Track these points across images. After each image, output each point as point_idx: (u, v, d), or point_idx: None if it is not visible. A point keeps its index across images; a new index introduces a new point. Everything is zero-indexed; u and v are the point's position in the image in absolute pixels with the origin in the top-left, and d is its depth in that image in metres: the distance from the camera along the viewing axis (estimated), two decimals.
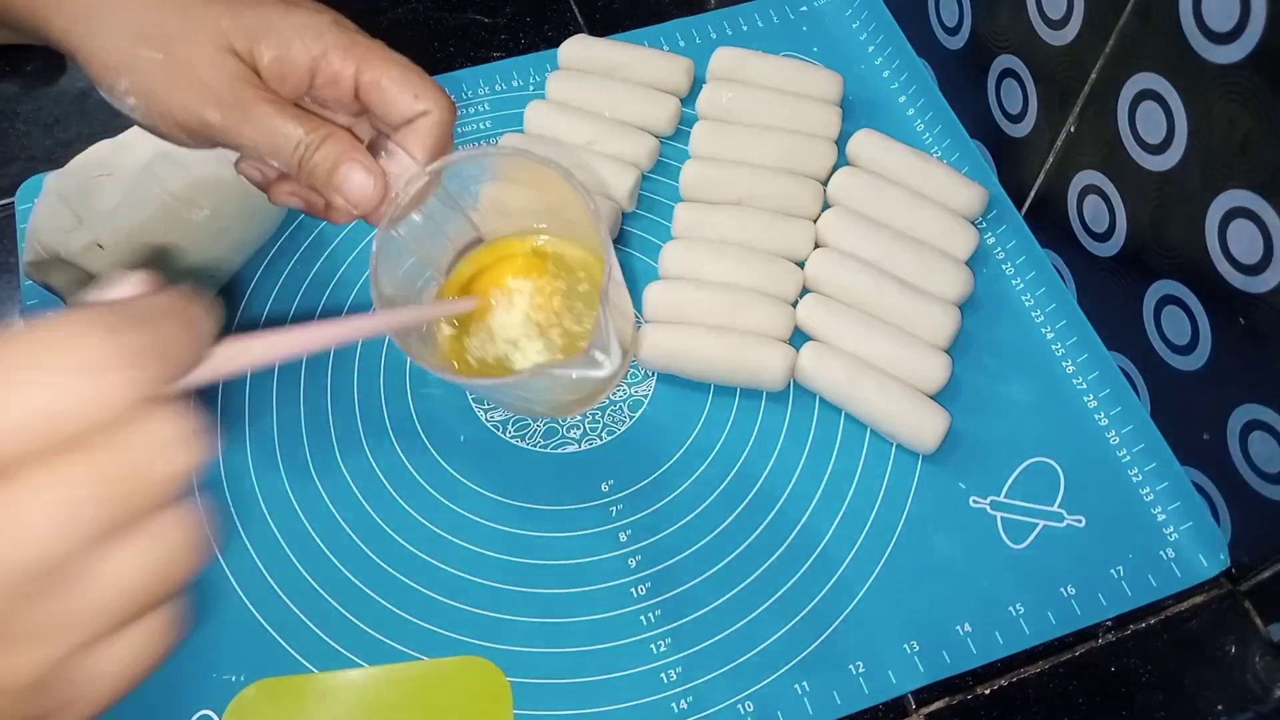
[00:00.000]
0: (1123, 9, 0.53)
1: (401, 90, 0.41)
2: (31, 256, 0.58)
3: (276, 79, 0.40)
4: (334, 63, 0.40)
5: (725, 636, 0.53)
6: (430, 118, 0.42)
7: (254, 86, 0.39)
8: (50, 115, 0.72)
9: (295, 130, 0.40)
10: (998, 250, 0.65)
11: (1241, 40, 0.46)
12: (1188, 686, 0.53)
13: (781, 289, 0.61)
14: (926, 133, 0.70)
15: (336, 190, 0.41)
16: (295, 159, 0.40)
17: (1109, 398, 0.60)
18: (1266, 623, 0.54)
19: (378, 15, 0.76)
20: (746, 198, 0.64)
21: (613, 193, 0.64)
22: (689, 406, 0.60)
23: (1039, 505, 0.57)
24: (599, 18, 0.77)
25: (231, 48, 0.39)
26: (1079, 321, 0.62)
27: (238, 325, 0.62)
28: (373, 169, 0.41)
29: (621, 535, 0.56)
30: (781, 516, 0.56)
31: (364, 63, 0.41)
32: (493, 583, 0.54)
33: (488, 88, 0.72)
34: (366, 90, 0.41)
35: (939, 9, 0.70)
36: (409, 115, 0.42)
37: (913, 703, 0.53)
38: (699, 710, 0.51)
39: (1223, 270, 0.51)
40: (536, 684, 0.52)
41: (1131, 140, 0.55)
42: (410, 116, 0.42)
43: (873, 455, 0.58)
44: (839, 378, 0.58)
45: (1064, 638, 0.54)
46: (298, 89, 0.41)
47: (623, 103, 0.68)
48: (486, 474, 0.58)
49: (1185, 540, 0.56)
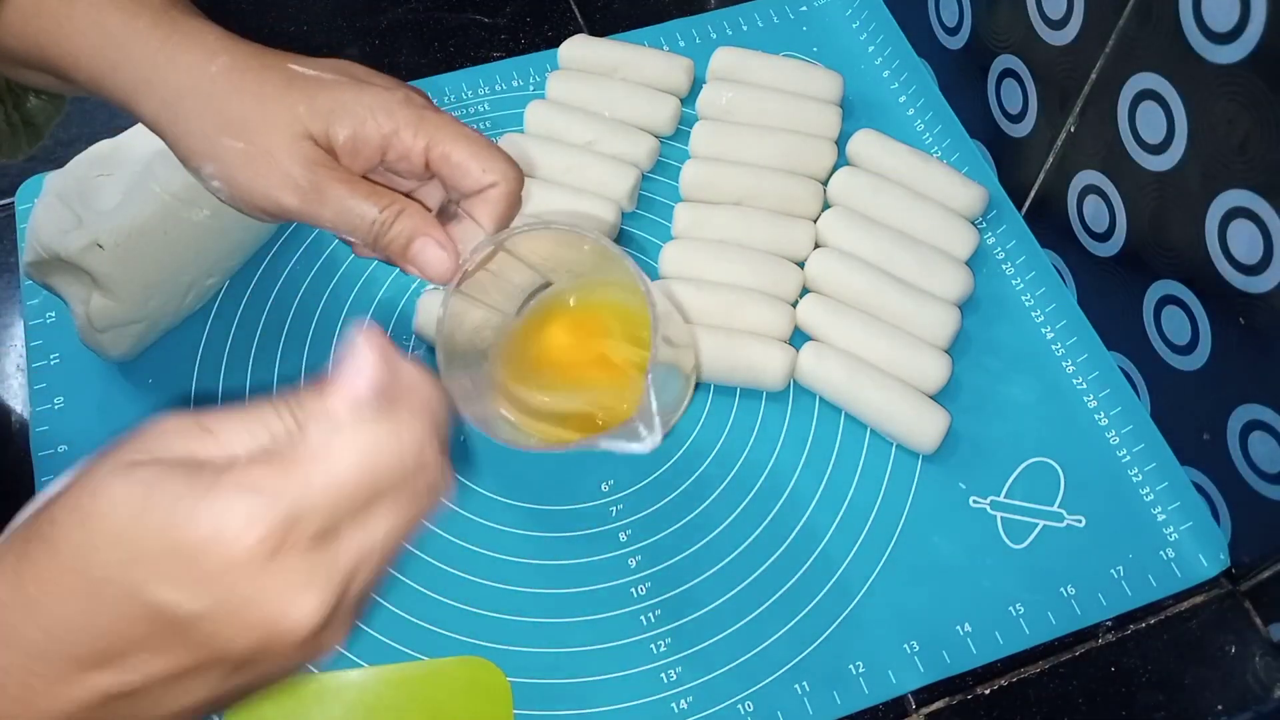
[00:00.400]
0: (1123, 9, 0.53)
1: (470, 163, 0.43)
2: (31, 256, 0.58)
3: (350, 155, 0.42)
4: (405, 139, 0.42)
5: (725, 636, 0.53)
6: (498, 189, 0.43)
7: (328, 169, 0.42)
8: None
9: (370, 210, 0.41)
10: (998, 250, 0.65)
11: (1241, 40, 0.46)
12: (1188, 686, 0.53)
13: (781, 289, 0.61)
14: (926, 133, 0.70)
15: (411, 263, 0.43)
16: (371, 236, 0.42)
17: (1109, 398, 0.60)
18: (1266, 623, 0.54)
19: (378, 15, 0.76)
20: (746, 198, 0.64)
21: (612, 193, 0.64)
22: (689, 407, 0.60)
23: (1039, 505, 0.57)
24: (599, 18, 0.77)
25: (308, 133, 0.41)
26: (1079, 321, 0.62)
27: (238, 325, 0.62)
28: (446, 244, 0.42)
29: (621, 535, 0.56)
30: (781, 516, 0.56)
31: (434, 138, 0.42)
32: (493, 583, 0.54)
33: (488, 88, 0.72)
34: (436, 163, 0.43)
35: (939, 9, 0.70)
36: (478, 186, 0.43)
37: (913, 703, 0.53)
38: (699, 710, 0.51)
39: (1223, 270, 0.51)
40: (536, 684, 0.52)
41: (1131, 140, 0.55)
42: (480, 188, 0.43)
43: (873, 455, 0.58)
44: (839, 378, 0.58)
45: (1064, 638, 0.54)
46: (371, 162, 0.43)
47: (623, 103, 0.68)
48: (487, 474, 0.58)
49: (1185, 540, 0.56)
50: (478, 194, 0.43)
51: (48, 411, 0.59)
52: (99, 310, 0.57)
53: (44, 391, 0.60)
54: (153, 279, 0.58)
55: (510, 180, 0.43)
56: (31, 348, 0.61)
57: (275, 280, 0.64)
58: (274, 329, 0.62)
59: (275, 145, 0.41)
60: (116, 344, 0.58)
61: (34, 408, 0.59)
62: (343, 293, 0.63)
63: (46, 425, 0.59)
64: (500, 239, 0.44)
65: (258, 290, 0.64)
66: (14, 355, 0.63)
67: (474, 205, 0.44)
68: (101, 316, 0.57)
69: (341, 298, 0.63)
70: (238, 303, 0.63)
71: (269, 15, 0.76)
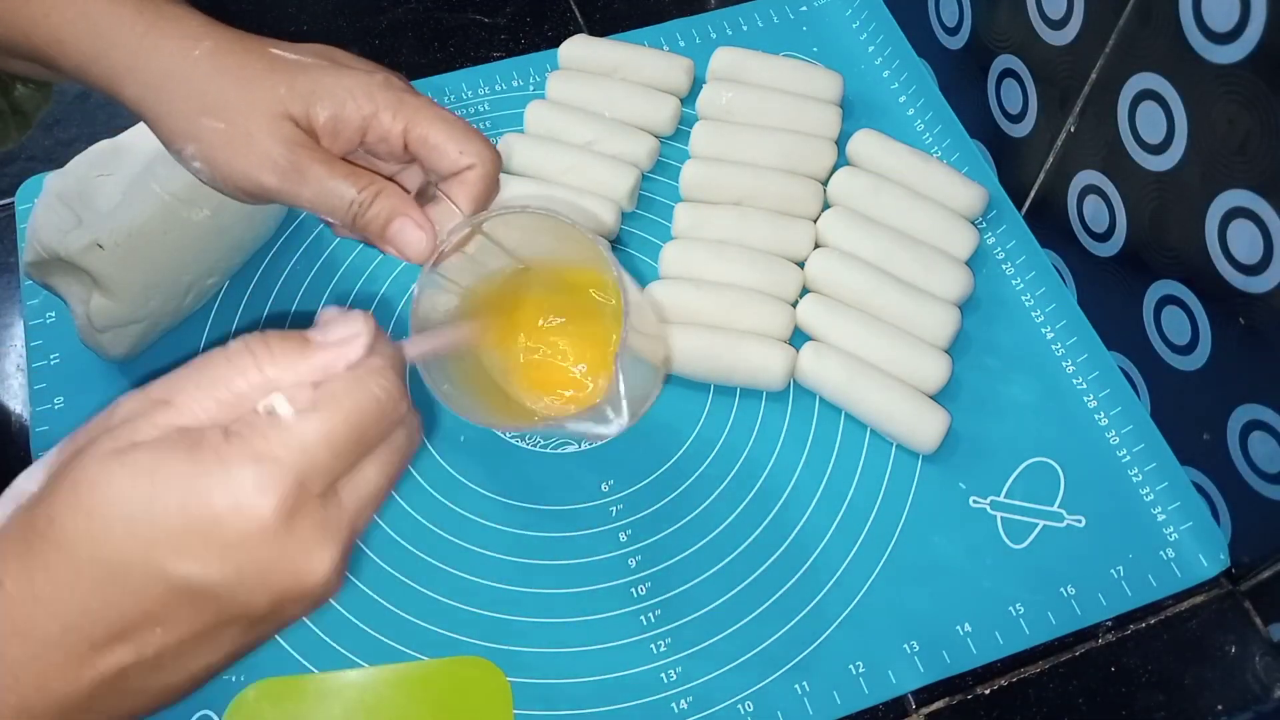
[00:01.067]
0: (1123, 9, 0.53)
1: (448, 145, 0.43)
2: (31, 256, 0.58)
3: (330, 136, 0.43)
4: (384, 121, 0.43)
5: (725, 636, 0.53)
6: (476, 171, 0.44)
7: (308, 149, 0.42)
8: (50, 115, 0.71)
9: (349, 190, 0.42)
10: (998, 250, 0.65)
11: (1241, 40, 0.46)
12: (1188, 686, 0.53)
13: (781, 289, 0.61)
14: (926, 133, 0.70)
15: (390, 243, 0.43)
16: (350, 216, 0.43)
17: (1109, 398, 0.60)
18: (1266, 623, 0.54)
19: (378, 15, 0.76)
20: (746, 198, 0.64)
21: (612, 193, 0.64)
22: (689, 406, 0.60)
23: (1039, 505, 0.57)
24: (599, 18, 0.77)
25: (288, 114, 0.42)
26: (1079, 321, 0.62)
27: (238, 325, 0.62)
28: (423, 224, 0.43)
29: (621, 535, 0.56)
30: (781, 516, 0.56)
31: (412, 120, 0.43)
32: (493, 583, 0.54)
33: (488, 88, 0.72)
34: (415, 145, 0.43)
35: (939, 9, 0.70)
36: (456, 168, 0.44)
37: (913, 703, 0.53)
38: (699, 710, 0.51)
39: (1223, 270, 0.51)
40: (536, 684, 0.52)
41: (1131, 140, 0.55)
42: (457, 169, 0.44)
43: (873, 455, 0.58)
44: (839, 378, 0.58)
45: (1064, 638, 0.54)
46: (351, 144, 0.44)
47: (623, 103, 0.68)
48: (487, 474, 0.58)
49: (1185, 540, 0.56)
50: (455, 176, 0.44)
51: (48, 411, 0.59)
52: (99, 310, 0.57)
53: (44, 391, 0.60)
54: (153, 279, 0.58)
55: (487, 163, 0.44)
56: (31, 348, 0.61)
57: (275, 280, 0.64)
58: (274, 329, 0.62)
59: (256, 126, 0.41)
60: (116, 344, 0.58)
61: (34, 408, 0.59)
62: (342, 293, 0.63)
63: (46, 425, 0.59)
64: (477, 220, 0.44)
65: (258, 290, 0.64)
66: (14, 355, 0.63)
67: (451, 187, 0.44)
68: (101, 316, 0.57)
69: (341, 298, 0.63)
70: (238, 303, 0.63)
71: (269, 15, 0.76)
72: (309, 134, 0.42)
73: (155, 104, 0.42)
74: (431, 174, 0.45)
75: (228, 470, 0.28)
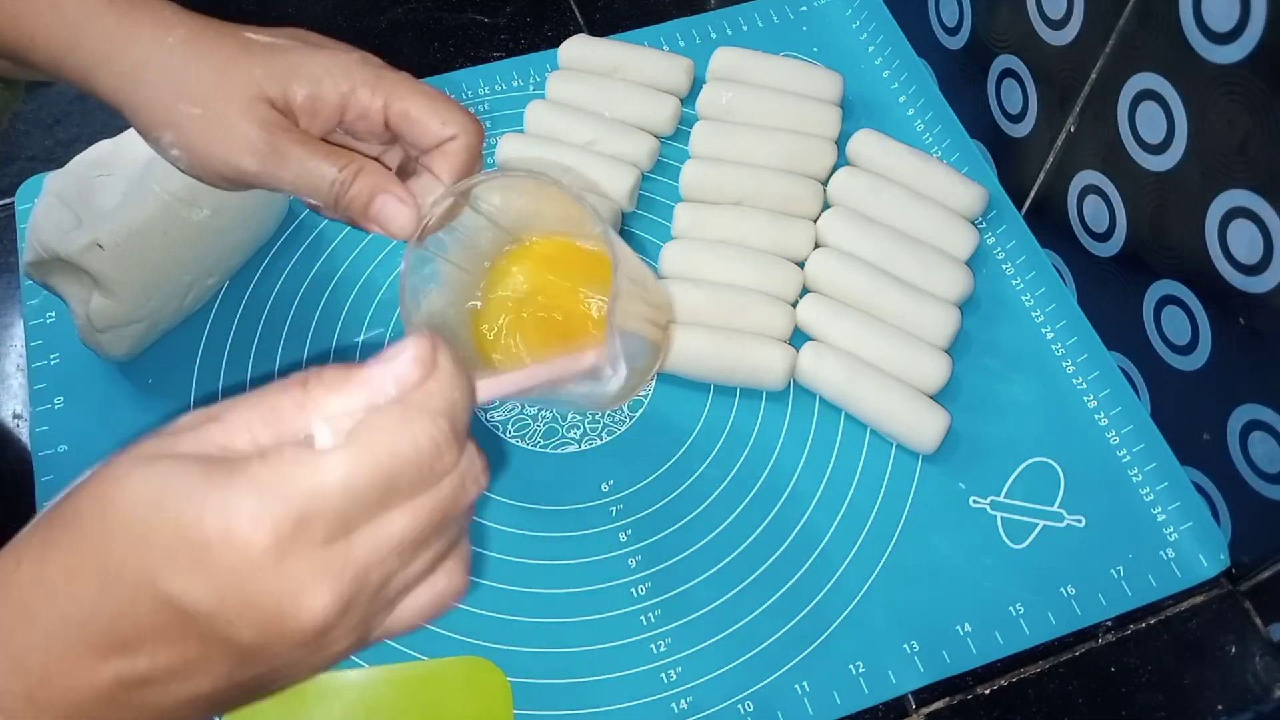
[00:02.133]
0: (1123, 9, 0.53)
1: (429, 118, 0.43)
2: (31, 256, 0.58)
3: (309, 116, 0.42)
4: (363, 98, 0.42)
5: (725, 636, 0.53)
6: (458, 142, 0.43)
7: (286, 131, 0.42)
8: (50, 115, 0.72)
9: (329, 170, 0.42)
10: (998, 250, 0.65)
11: (1241, 40, 0.46)
12: (1188, 686, 0.53)
13: (781, 289, 0.61)
14: (926, 133, 0.70)
15: (373, 220, 0.43)
16: (332, 196, 0.42)
17: (1109, 398, 0.60)
18: (1266, 623, 0.54)
19: (378, 15, 0.76)
20: (746, 198, 0.64)
21: (612, 193, 0.64)
22: (689, 406, 0.60)
23: (1039, 505, 0.57)
24: (599, 18, 0.77)
25: (265, 96, 0.41)
26: (1079, 321, 0.62)
27: (238, 325, 0.62)
28: (406, 199, 0.42)
29: (621, 535, 0.56)
30: (781, 516, 0.56)
31: (391, 95, 0.43)
32: (493, 583, 0.54)
33: (488, 88, 0.72)
34: (395, 120, 0.43)
35: (939, 9, 0.70)
36: (437, 140, 0.43)
37: (913, 703, 0.53)
38: (699, 710, 0.51)
39: (1223, 270, 0.51)
40: (536, 684, 0.52)
41: (1131, 140, 0.55)
42: (439, 141, 0.43)
43: (873, 455, 0.58)
44: (839, 378, 0.58)
45: (1064, 638, 0.54)
46: (329, 123, 0.43)
47: (623, 103, 0.68)
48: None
49: (1185, 540, 0.56)
50: (437, 149, 0.43)
51: (48, 411, 0.59)
52: (99, 310, 0.57)
53: (44, 391, 0.60)
54: (153, 279, 0.58)
55: (470, 133, 0.43)
56: (31, 348, 0.61)
57: (275, 280, 0.64)
58: (274, 329, 0.62)
59: (232, 110, 0.41)
60: (116, 344, 0.58)
61: (34, 408, 0.59)
62: (343, 293, 0.63)
63: (46, 425, 0.59)
64: (459, 188, 0.44)
65: (258, 290, 0.64)
66: (14, 355, 0.63)
67: (433, 160, 0.44)
68: (101, 316, 0.57)
69: (341, 298, 0.63)
70: (238, 303, 0.63)
71: (269, 15, 0.76)
72: (287, 115, 0.42)
73: (131, 94, 0.42)
74: (413, 150, 0.45)
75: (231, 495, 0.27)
